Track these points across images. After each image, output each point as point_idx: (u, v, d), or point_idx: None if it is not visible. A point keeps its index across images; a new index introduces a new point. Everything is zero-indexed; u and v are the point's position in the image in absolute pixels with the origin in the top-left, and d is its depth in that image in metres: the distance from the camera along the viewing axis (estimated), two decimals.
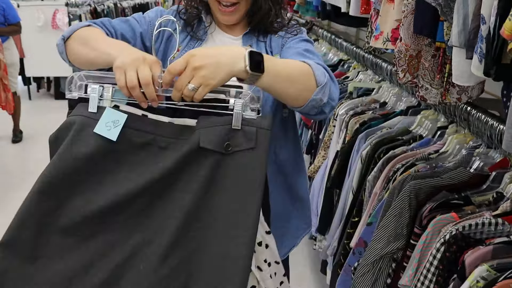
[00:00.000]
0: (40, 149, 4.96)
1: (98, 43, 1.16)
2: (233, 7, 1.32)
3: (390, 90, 2.37)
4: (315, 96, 1.13)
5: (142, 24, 1.39)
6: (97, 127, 1.05)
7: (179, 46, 1.36)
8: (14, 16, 4.97)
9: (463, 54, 1.20)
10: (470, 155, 1.56)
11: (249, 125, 1.04)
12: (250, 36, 1.41)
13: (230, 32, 1.43)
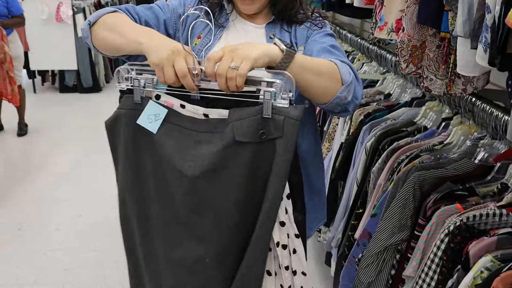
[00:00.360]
0: (45, 142, 4.99)
1: (126, 30, 1.18)
2: None
3: (394, 82, 2.36)
4: (340, 93, 1.14)
5: (165, 12, 1.39)
6: (140, 119, 1.13)
7: (201, 33, 1.38)
8: (18, 8, 4.97)
9: (468, 44, 1.19)
10: (475, 146, 1.56)
11: (278, 114, 1.05)
12: (274, 25, 1.41)
13: (253, 21, 1.42)
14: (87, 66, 6.73)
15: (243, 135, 1.06)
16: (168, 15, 1.39)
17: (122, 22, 1.22)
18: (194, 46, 1.35)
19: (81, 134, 5.23)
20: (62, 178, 4.12)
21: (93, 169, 4.26)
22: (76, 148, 4.88)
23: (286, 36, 1.39)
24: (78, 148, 4.86)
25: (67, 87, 6.92)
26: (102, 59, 7.02)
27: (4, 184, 4.05)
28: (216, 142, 1.09)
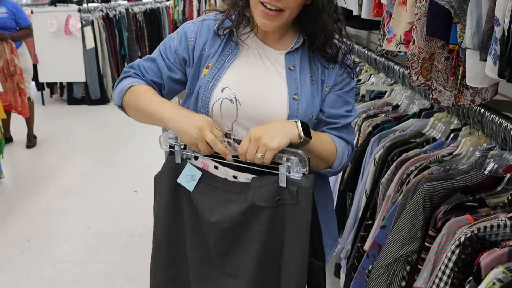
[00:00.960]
0: (54, 154, 5.02)
1: (150, 112, 1.34)
2: (276, 12, 1.23)
3: (402, 93, 2.37)
4: (323, 171, 1.39)
5: (169, 58, 1.41)
6: (180, 178, 1.35)
7: (209, 62, 1.36)
8: (25, 20, 5.03)
9: (477, 56, 1.20)
10: (484, 157, 1.56)
11: (292, 185, 1.22)
12: (295, 55, 1.35)
13: (271, 44, 1.36)
14: (95, 78, 6.79)
15: (262, 200, 1.25)
16: (172, 60, 1.41)
17: (142, 103, 1.36)
18: (203, 77, 1.35)
19: (89, 146, 5.26)
20: (71, 190, 4.14)
21: (101, 181, 4.28)
22: (84, 160, 4.91)
23: (306, 70, 1.35)
24: (86, 160, 4.89)
25: (75, 99, 6.97)
26: (110, 71, 7.07)
27: (13, 196, 4.08)
28: (241, 203, 1.27)
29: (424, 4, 1.41)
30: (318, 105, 1.35)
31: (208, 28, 1.39)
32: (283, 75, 1.33)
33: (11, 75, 4.70)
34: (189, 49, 1.39)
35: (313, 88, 1.35)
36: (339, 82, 1.38)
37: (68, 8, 6.83)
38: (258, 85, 1.33)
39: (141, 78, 1.42)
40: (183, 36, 1.40)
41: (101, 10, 7.27)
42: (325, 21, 1.27)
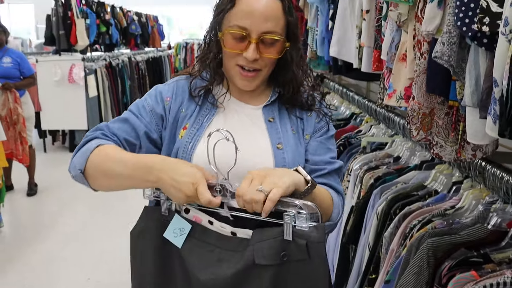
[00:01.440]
0: (55, 202, 5.00)
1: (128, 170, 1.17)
2: (255, 73, 1.26)
3: (403, 144, 2.39)
4: (326, 227, 1.29)
5: (144, 117, 1.30)
6: (166, 232, 1.19)
7: (187, 123, 1.31)
8: (29, 69, 5.13)
9: (476, 114, 1.22)
10: (487, 211, 1.55)
11: (299, 238, 1.07)
12: (272, 108, 1.36)
13: (247, 100, 1.36)
14: None
15: (264, 257, 1.10)
16: (147, 119, 1.30)
17: (115, 163, 1.19)
18: (180, 139, 1.29)
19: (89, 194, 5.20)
20: (71, 238, 4.11)
21: (100, 229, 4.26)
22: (84, 208, 4.89)
23: (286, 121, 1.36)
24: (86, 208, 4.87)
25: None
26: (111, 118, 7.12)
27: (13, 244, 4.04)
28: (237, 263, 1.12)
29: (423, 61, 1.45)
30: (303, 154, 1.34)
31: (183, 89, 1.35)
32: (263, 128, 1.33)
33: (14, 124, 4.75)
34: (166, 109, 1.32)
35: (295, 137, 1.34)
36: (319, 129, 1.39)
37: (72, 57, 6.97)
38: (240, 141, 1.19)
39: (110, 139, 1.27)
40: (159, 96, 1.33)
41: (105, 59, 7.42)
42: (294, 72, 1.32)
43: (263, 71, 1.28)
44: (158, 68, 10.29)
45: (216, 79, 1.35)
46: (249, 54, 1.21)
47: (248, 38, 1.21)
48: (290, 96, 1.35)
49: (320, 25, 3.34)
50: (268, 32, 1.22)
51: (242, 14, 1.22)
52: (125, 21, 8.67)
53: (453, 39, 1.21)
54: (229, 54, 1.27)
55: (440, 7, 1.31)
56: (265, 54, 1.24)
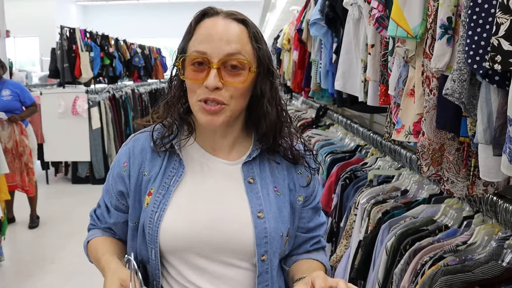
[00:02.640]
0: (57, 235, 4.96)
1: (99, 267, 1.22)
2: (219, 106, 1.08)
3: (410, 178, 2.37)
4: None
5: (110, 200, 1.27)
6: None
7: (151, 187, 1.17)
8: (30, 98, 5.13)
9: (489, 151, 1.21)
10: (501, 248, 1.53)
11: None
12: (252, 164, 1.20)
13: (223, 156, 1.20)
14: (100, 157, 6.85)
15: None
16: (112, 201, 1.26)
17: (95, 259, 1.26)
18: (146, 207, 1.16)
19: None
20: (74, 272, 4.05)
21: None
22: None
23: (268, 180, 1.19)
24: None
25: (80, 178, 7.00)
26: (115, 150, 7.14)
27: (14, 278, 3.99)
28: None
29: (432, 97, 1.44)
30: (287, 219, 1.20)
31: (142, 147, 1.21)
32: (242, 191, 1.17)
33: (20, 156, 4.76)
34: (124, 177, 1.20)
35: (278, 201, 1.19)
36: (311, 193, 1.28)
37: (76, 89, 7.03)
38: (214, 207, 1.15)
39: (97, 228, 1.33)
40: (116, 164, 1.23)
41: (108, 91, 7.46)
42: (266, 107, 1.15)
43: (230, 106, 1.10)
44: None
45: (184, 129, 1.21)
46: (210, 81, 1.05)
47: (208, 64, 1.07)
48: (271, 143, 1.19)
49: (323, 58, 3.37)
50: (231, 54, 1.07)
51: (200, 39, 1.09)
52: (128, 53, 8.76)
53: (463, 76, 1.21)
54: (190, 89, 1.11)
55: (449, 44, 1.31)
56: (230, 82, 1.08)
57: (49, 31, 12.46)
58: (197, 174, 1.18)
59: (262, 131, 1.17)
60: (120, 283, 1.06)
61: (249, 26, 1.12)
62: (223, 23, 1.09)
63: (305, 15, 3.88)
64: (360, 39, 2.43)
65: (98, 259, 1.21)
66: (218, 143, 1.20)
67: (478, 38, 1.14)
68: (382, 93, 2.01)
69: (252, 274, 1.17)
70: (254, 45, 1.11)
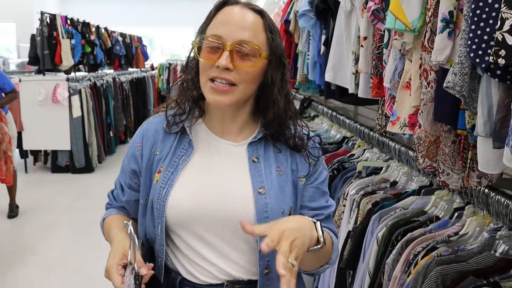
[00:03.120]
0: (37, 225, 4.89)
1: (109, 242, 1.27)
2: (228, 87, 1.15)
3: (399, 169, 2.40)
4: (321, 269, 1.29)
5: (125, 180, 1.34)
6: None
7: (161, 166, 1.24)
8: (9, 84, 4.99)
9: (489, 144, 1.23)
10: (493, 238, 1.56)
11: None
12: (257, 145, 1.26)
13: (228, 136, 1.27)
14: (80, 146, 6.76)
15: None
16: (126, 181, 1.34)
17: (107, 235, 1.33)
18: (155, 183, 1.23)
19: (75, 216, 5.14)
20: (56, 264, 4.01)
21: (87, 253, 4.16)
22: (68, 231, 4.78)
23: (271, 161, 1.25)
24: (71, 231, 4.76)
25: (59, 167, 6.90)
26: (95, 139, 7.06)
27: None
28: None
29: (430, 90, 1.46)
30: (289, 197, 1.25)
31: (155, 129, 1.29)
32: (245, 169, 1.24)
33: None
34: (137, 157, 1.29)
35: (281, 180, 1.25)
36: (313, 173, 1.31)
37: (56, 77, 6.90)
38: (218, 184, 1.22)
39: (113, 207, 1.42)
40: (131, 145, 1.33)
41: (89, 79, 7.36)
42: (276, 96, 1.21)
43: (239, 88, 1.16)
44: (142, 89, 10.24)
45: (195, 112, 1.28)
46: (221, 61, 1.12)
47: (223, 46, 1.14)
48: (275, 130, 1.25)
49: (311, 49, 3.38)
50: (244, 40, 1.14)
51: (218, 23, 1.18)
52: (109, 41, 8.63)
53: (465, 69, 1.23)
54: (202, 67, 1.18)
55: (450, 37, 1.33)
56: (240, 65, 1.14)
57: (27, 16, 12.20)
58: (205, 154, 1.25)
59: (269, 118, 1.23)
60: (123, 252, 1.12)
61: (265, 17, 1.20)
62: (240, 11, 1.18)
63: (293, 6, 3.87)
64: (351, 31, 2.44)
65: (108, 232, 1.28)
66: (227, 126, 1.27)
67: (481, 32, 1.16)
68: (375, 85, 2.03)
69: (255, 249, 1.22)
70: (268, 35, 1.19)
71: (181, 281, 1.24)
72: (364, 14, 2.17)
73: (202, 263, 1.22)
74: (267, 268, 1.22)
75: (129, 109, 9.18)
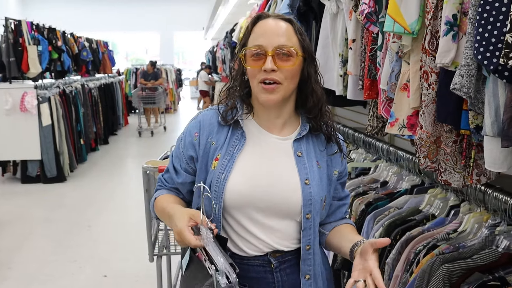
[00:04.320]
0: (10, 238, 4.74)
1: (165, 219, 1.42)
2: (275, 85, 1.34)
3: (388, 169, 2.44)
4: None
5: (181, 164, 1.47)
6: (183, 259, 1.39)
7: (218, 153, 1.41)
8: None
9: (496, 143, 1.26)
10: (493, 234, 1.61)
11: None
12: (301, 141, 1.43)
13: (275, 131, 1.44)
14: (51, 155, 6.59)
15: None
16: (183, 166, 1.47)
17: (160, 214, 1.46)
18: (213, 169, 1.40)
19: (49, 228, 5.01)
20: (32, 277, 3.88)
21: (66, 266, 4.05)
22: (44, 242, 4.64)
23: (312, 156, 1.44)
24: (47, 242, 4.63)
25: (30, 177, 6.71)
26: (66, 148, 6.90)
27: None
28: None
29: (431, 91, 1.49)
30: (326, 187, 1.45)
31: (210, 121, 1.45)
32: (292, 162, 1.42)
33: None
34: (194, 145, 1.45)
35: (320, 172, 1.44)
36: (343, 170, 1.53)
37: (23, 84, 6.72)
38: (270, 173, 1.40)
39: (164, 188, 1.54)
40: (187, 134, 1.48)
41: (58, 87, 7.19)
42: (313, 87, 1.41)
43: (284, 85, 1.35)
44: (110, 94, 10.09)
45: (245, 108, 1.45)
46: (267, 65, 1.32)
47: (265, 53, 1.34)
48: (317, 117, 1.42)
49: None
50: (282, 45, 1.34)
51: (257, 36, 1.37)
52: (76, 47, 8.47)
53: (471, 71, 1.26)
54: (251, 74, 1.38)
55: (454, 40, 1.36)
56: (282, 66, 1.34)
57: None
58: (256, 146, 1.42)
59: (310, 105, 1.41)
60: (189, 217, 1.24)
61: (294, 23, 1.40)
62: (274, 22, 1.38)
63: (270, 9, 3.89)
64: (337, 33, 2.46)
65: (164, 208, 1.40)
66: (272, 121, 1.43)
67: (488, 35, 1.19)
68: (367, 87, 2.05)
69: (298, 229, 1.42)
70: (299, 37, 1.39)
71: (230, 256, 1.36)
72: (352, 16, 2.19)
73: (250, 239, 1.40)
74: (308, 245, 1.43)
75: (99, 115, 9.02)
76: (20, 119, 6.45)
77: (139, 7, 16.98)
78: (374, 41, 1.98)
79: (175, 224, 1.26)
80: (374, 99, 2.09)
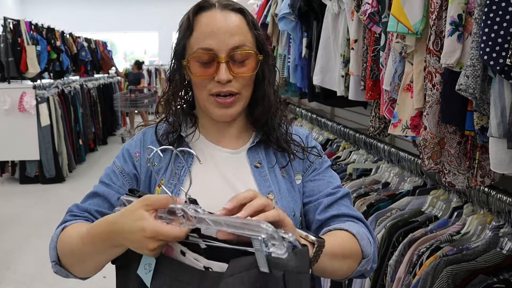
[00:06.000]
0: (10, 240, 4.71)
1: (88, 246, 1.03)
2: (233, 98, 1.11)
3: (390, 170, 2.42)
4: (360, 268, 1.09)
5: (114, 182, 1.19)
6: (139, 269, 1.00)
7: (162, 178, 1.16)
8: None
9: (501, 144, 1.25)
10: (497, 236, 1.59)
11: (277, 268, 0.81)
12: (257, 150, 1.20)
13: (227, 145, 1.20)
14: (50, 156, 6.57)
15: None
16: (119, 183, 1.19)
17: (75, 244, 1.06)
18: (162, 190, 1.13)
19: (49, 229, 4.97)
20: (32, 279, 3.87)
21: None
22: (44, 244, 4.60)
23: (274, 163, 1.19)
24: (46, 244, 4.59)
25: (28, 177, 6.68)
26: (65, 148, 6.88)
27: None
28: None
29: (435, 92, 1.48)
30: (298, 199, 1.19)
31: (151, 139, 1.22)
32: (249, 176, 1.17)
33: None
34: (136, 166, 1.20)
35: (287, 182, 1.19)
36: (309, 166, 1.22)
37: (22, 84, 6.70)
38: (225, 193, 1.05)
39: (79, 217, 1.16)
40: (126, 155, 1.22)
41: (57, 87, 7.17)
42: (265, 90, 1.16)
43: (242, 95, 1.13)
44: (109, 94, 10.06)
45: (187, 123, 1.22)
46: (222, 76, 1.07)
47: (216, 59, 1.08)
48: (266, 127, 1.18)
49: (292, 52, 3.38)
50: (237, 46, 1.09)
51: (203, 36, 1.09)
52: (75, 47, 8.45)
53: (477, 72, 1.24)
54: (199, 85, 1.12)
55: (459, 40, 1.35)
56: (239, 73, 1.10)
57: None
58: (205, 164, 1.15)
59: (259, 112, 1.18)
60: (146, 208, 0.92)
61: (246, 14, 1.14)
62: (222, 15, 1.10)
63: (270, 10, 3.87)
64: (338, 34, 2.45)
65: (90, 228, 1.04)
66: (222, 133, 1.20)
67: (494, 35, 1.18)
68: (369, 88, 2.04)
69: None
70: (254, 32, 1.13)
71: None
72: (354, 16, 2.18)
73: None
74: None
75: (97, 116, 9.00)
76: (19, 119, 6.43)
77: (137, 7, 16.93)
78: (376, 42, 1.96)
79: (131, 227, 0.91)
80: (376, 100, 2.08)
